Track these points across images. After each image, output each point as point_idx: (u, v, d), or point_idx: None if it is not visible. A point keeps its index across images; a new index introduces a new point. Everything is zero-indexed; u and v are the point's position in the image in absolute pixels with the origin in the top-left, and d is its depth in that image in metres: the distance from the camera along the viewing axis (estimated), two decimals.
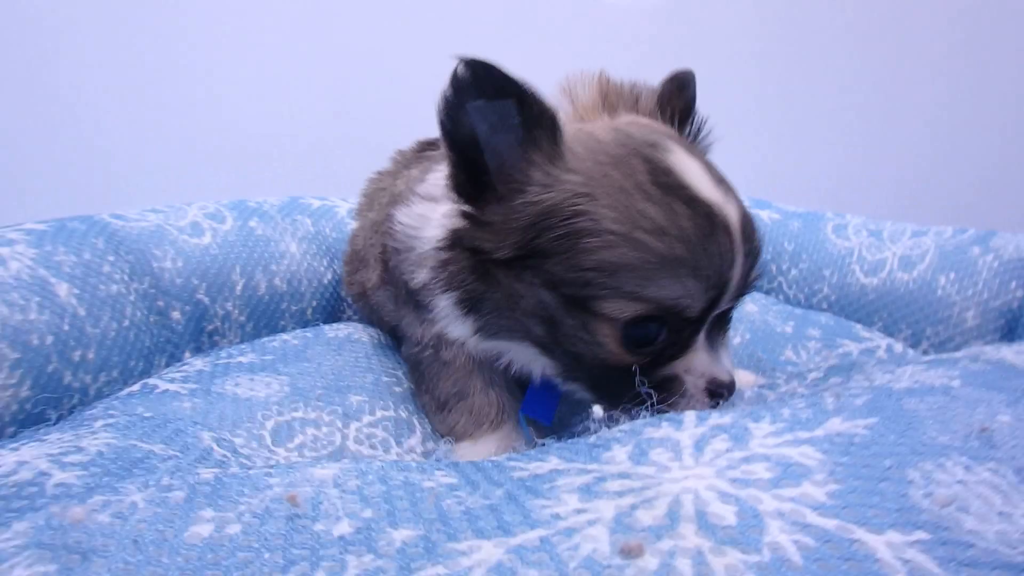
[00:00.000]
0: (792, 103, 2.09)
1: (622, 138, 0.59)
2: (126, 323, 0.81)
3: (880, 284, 1.17)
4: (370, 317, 0.96)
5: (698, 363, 0.61)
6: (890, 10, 2.05)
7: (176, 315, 0.89)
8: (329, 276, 1.09)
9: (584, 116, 0.67)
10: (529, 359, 0.67)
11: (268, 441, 0.60)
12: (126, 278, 0.84)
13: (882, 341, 1.03)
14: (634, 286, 0.55)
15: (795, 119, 2.10)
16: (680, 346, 0.60)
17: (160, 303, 0.87)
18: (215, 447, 0.51)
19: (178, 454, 0.47)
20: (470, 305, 0.63)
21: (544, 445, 0.46)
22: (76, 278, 0.77)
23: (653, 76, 0.74)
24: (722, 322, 0.64)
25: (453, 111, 0.56)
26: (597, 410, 0.50)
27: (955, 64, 2.08)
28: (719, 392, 0.60)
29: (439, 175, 0.66)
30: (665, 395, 0.59)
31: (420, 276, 0.68)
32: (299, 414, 0.64)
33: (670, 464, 0.39)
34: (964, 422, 0.45)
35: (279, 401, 0.65)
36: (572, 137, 0.59)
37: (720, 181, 0.60)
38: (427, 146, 0.92)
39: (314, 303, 1.06)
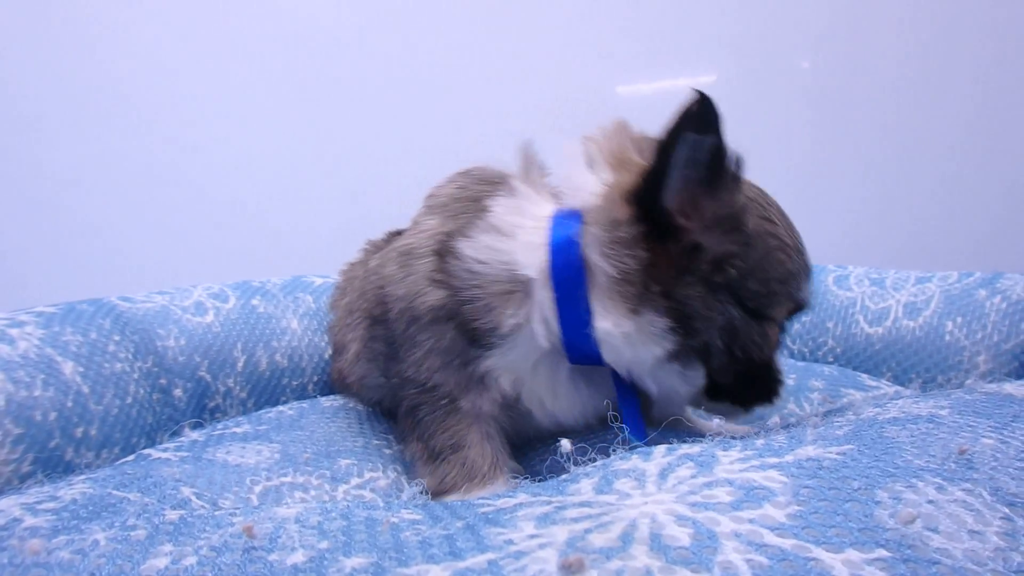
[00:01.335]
0: (795, 162, 2.13)
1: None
2: (129, 400, 0.83)
3: (886, 333, 1.15)
4: (357, 396, 0.94)
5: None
6: (895, 65, 2.11)
7: (178, 392, 0.91)
8: (330, 351, 1.10)
9: (618, 160, 0.68)
10: (677, 381, 0.67)
11: (255, 504, 0.60)
12: (130, 357, 0.86)
13: (889, 389, 1.01)
14: (795, 289, 0.67)
15: (796, 177, 2.13)
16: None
17: (163, 381, 0.89)
18: (194, 499, 0.51)
19: (153, 501, 0.47)
20: (682, 328, 0.62)
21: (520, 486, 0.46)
22: (82, 356, 0.80)
23: None
24: None
25: (674, 135, 0.58)
26: (565, 444, 0.50)
27: (962, 113, 2.12)
28: None
29: (504, 207, 0.67)
30: (778, 385, 0.71)
31: (488, 315, 0.65)
32: (288, 479, 0.64)
33: (632, 492, 0.39)
34: (944, 446, 0.44)
35: (268, 467, 0.66)
36: None
37: None
38: (396, 236, 0.88)
39: (315, 378, 1.07)
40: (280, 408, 0.86)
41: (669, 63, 2.14)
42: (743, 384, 0.68)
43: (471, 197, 0.71)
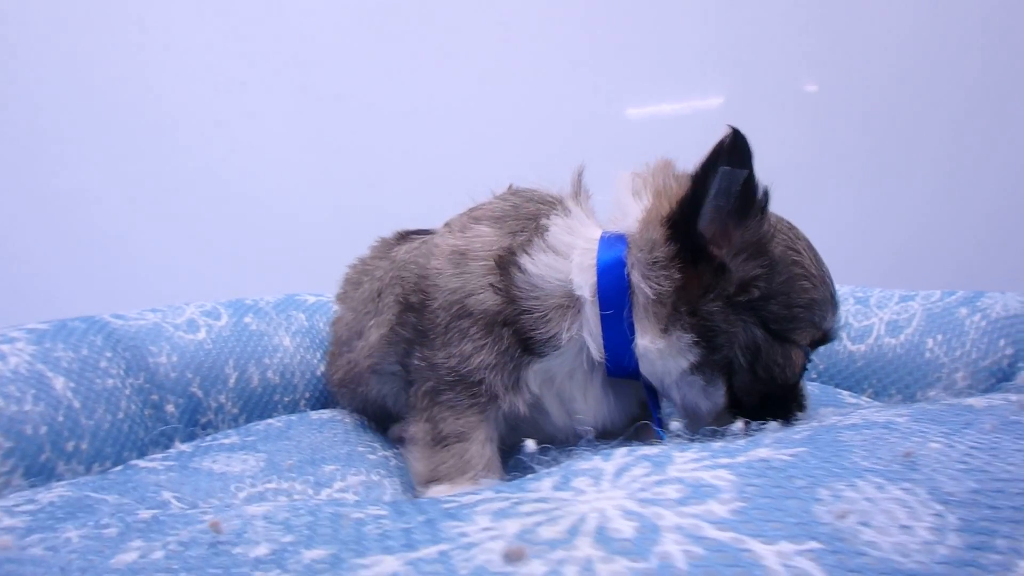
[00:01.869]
0: (802, 182, 2.15)
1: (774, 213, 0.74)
2: (120, 415, 0.85)
3: (868, 351, 1.17)
4: (353, 398, 0.97)
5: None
6: (901, 89, 2.15)
7: (170, 408, 0.92)
8: (322, 368, 1.12)
9: (660, 192, 0.74)
10: (698, 395, 0.73)
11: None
12: (122, 373, 0.88)
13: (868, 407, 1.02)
14: (819, 318, 0.72)
15: (803, 196, 2.15)
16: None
17: (155, 397, 0.91)
18: (174, 502, 0.53)
19: (130, 502, 0.49)
20: (706, 343, 0.69)
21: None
22: (73, 372, 0.82)
23: None
24: None
25: (709, 167, 0.65)
26: (530, 444, 0.53)
27: (967, 134, 2.16)
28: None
29: (560, 227, 0.74)
30: (797, 405, 0.74)
31: (545, 326, 0.71)
32: (272, 485, 0.66)
33: (587, 489, 0.40)
34: (891, 449, 0.46)
35: (254, 475, 0.67)
36: None
37: None
38: (407, 235, 0.98)
39: (307, 394, 1.09)
40: (269, 421, 0.88)
41: (678, 86, 2.18)
42: (766, 404, 0.72)
43: (528, 215, 0.77)
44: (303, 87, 2.00)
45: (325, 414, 0.89)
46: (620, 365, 0.72)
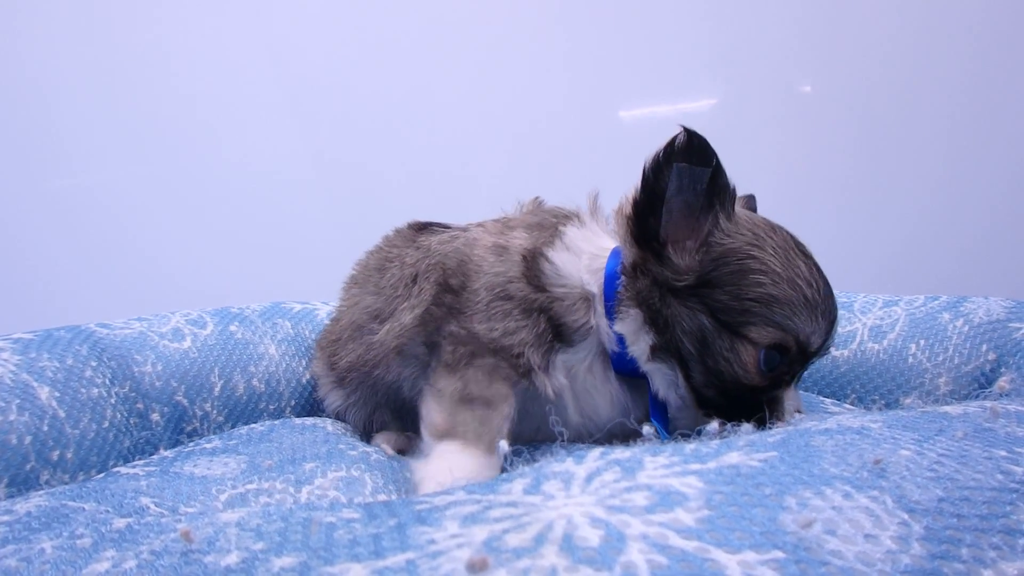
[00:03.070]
0: (794, 183, 2.15)
1: (763, 217, 0.79)
2: (106, 424, 0.85)
3: (851, 356, 1.18)
4: (362, 383, 0.97)
5: (791, 394, 0.78)
6: (897, 90, 2.16)
7: (155, 416, 0.93)
8: (307, 376, 1.13)
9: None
10: (667, 385, 0.79)
11: (222, 511, 0.62)
12: (107, 382, 0.88)
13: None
14: (782, 318, 0.71)
15: (794, 197, 2.14)
16: (789, 376, 0.76)
17: (140, 405, 0.91)
18: (152, 507, 0.53)
19: (108, 510, 0.49)
20: (652, 322, 0.77)
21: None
22: (58, 382, 0.82)
23: None
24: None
25: (660, 167, 0.72)
26: (503, 445, 0.53)
27: (962, 135, 2.16)
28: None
29: (574, 233, 0.84)
30: (769, 413, 0.74)
31: (575, 314, 0.80)
32: (253, 486, 0.66)
33: (557, 494, 0.41)
34: (861, 456, 0.47)
35: (234, 477, 0.68)
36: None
37: None
38: (425, 226, 1.04)
39: (292, 402, 1.09)
40: (252, 426, 0.88)
41: (671, 88, 2.19)
42: (731, 405, 0.76)
43: (549, 225, 0.87)
44: (298, 91, 2.01)
45: (308, 420, 0.89)
46: (622, 360, 0.80)
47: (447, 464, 0.70)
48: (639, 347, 0.78)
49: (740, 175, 0.77)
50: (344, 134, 2.05)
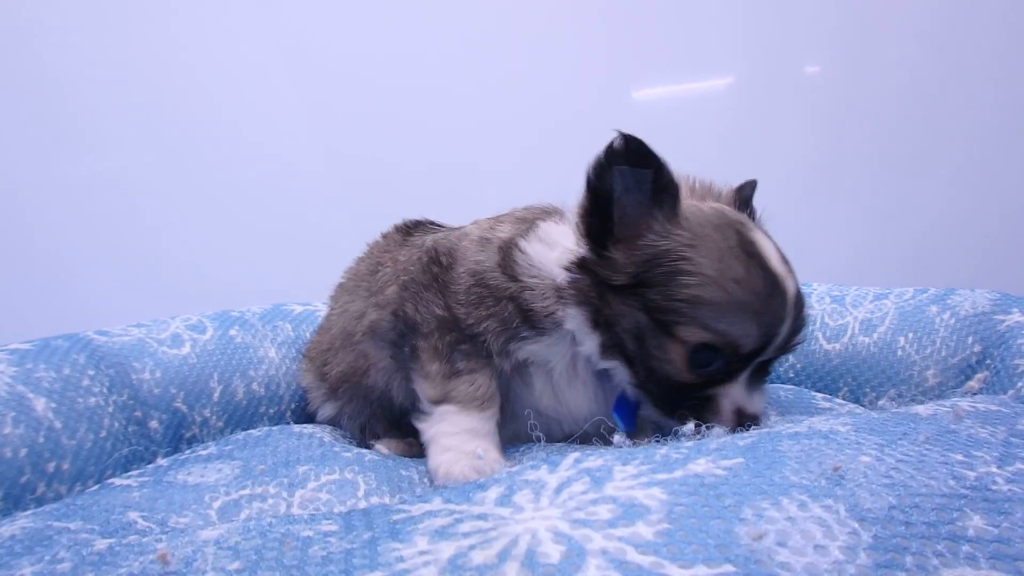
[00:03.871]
0: (807, 163, 2.12)
1: (720, 214, 0.79)
2: (103, 433, 0.87)
3: (843, 349, 1.19)
4: (355, 394, 0.99)
5: (735, 393, 0.77)
6: (908, 70, 2.11)
7: (154, 424, 0.94)
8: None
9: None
10: (625, 381, 0.82)
11: (214, 519, 0.64)
12: (105, 391, 0.90)
13: (843, 410, 1.04)
14: (709, 319, 0.72)
15: (807, 178, 2.12)
16: (727, 376, 0.76)
17: (138, 413, 0.93)
18: (140, 521, 0.55)
19: (93, 528, 0.51)
20: (594, 320, 0.79)
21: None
22: (54, 393, 0.83)
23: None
24: (764, 370, 0.81)
25: (601, 170, 0.75)
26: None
27: (973, 117, 2.11)
28: (744, 420, 0.76)
29: (550, 227, 0.87)
30: (704, 411, 0.76)
31: (544, 302, 0.82)
32: (246, 491, 0.68)
33: (527, 506, 0.42)
34: (821, 462, 0.48)
35: (228, 483, 0.70)
36: (685, 205, 0.78)
37: (785, 261, 0.78)
38: (416, 225, 1.09)
39: (292, 405, 1.11)
40: (249, 431, 0.90)
41: (683, 68, 2.16)
42: (669, 399, 0.79)
43: (530, 219, 0.90)
44: (313, 84, 2.01)
45: (307, 428, 0.91)
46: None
47: (448, 423, 0.81)
48: (588, 345, 0.81)
49: (756, 155, 0.77)
50: (358, 125, 2.04)
